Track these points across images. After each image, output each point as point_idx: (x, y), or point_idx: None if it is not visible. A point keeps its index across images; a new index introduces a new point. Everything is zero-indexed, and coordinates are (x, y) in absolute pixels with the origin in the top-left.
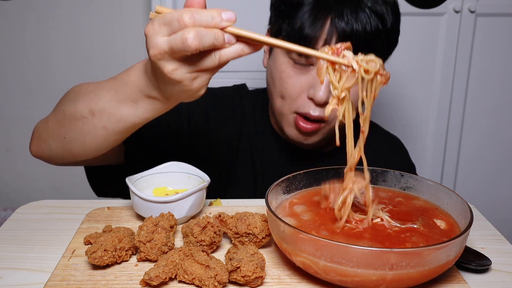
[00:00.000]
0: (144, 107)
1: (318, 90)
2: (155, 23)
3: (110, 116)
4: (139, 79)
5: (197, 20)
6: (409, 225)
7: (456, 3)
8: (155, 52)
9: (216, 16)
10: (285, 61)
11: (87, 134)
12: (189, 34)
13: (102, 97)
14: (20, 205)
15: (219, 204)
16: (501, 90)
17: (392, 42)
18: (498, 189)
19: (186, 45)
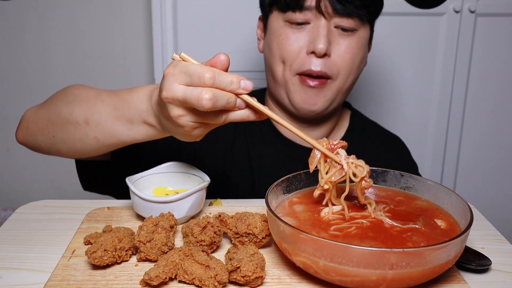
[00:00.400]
0: (139, 130)
1: (317, 42)
2: (177, 69)
3: (103, 130)
4: (141, 103)
5: (217, 82)
6: (410, 225)
7: (456, 3)
8: (168, 95)
9: (235, 82)
10: (281, 25)
11: (77, 141)
12: (206, 95)
13: (100, 109)
14: (20, 205)
15: (219, 204)
16: (501, 90)
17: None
18: (498, 189)
19: (200, 104)
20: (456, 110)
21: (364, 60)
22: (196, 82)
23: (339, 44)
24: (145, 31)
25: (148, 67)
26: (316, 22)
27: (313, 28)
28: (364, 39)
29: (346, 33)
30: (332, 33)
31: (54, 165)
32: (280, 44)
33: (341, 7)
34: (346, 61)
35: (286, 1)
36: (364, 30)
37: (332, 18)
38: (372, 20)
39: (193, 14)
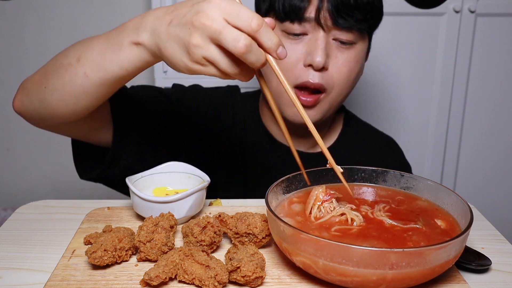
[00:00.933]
0: (126, 54)
1: (315, 55)
2: (224, 1)
3: (93, 62)
4: (133, 23)
5: (261, 33)
6: (411, 225)
7: (456, 3)
8: (203, 21)
9: (275, 43)
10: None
11: (67, 83)
12: (245, 41)
13: (93, 44)
14: (20, 205)
15: (219, 204)
16: (501, 90)
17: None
18: (498, 189)
19: (233, 45)
20: (456, 110)
21: (360, 72)
22: (240, 24)
23: (337, 57)
24: None
25: None
26: (314, 34)
27: (310, 40)
28: (362, 52)
29: (345, 46)
30: (330, 45)
31: (54, 165)
32: None
33: (342, 21)
34: (343, 75)
35: (285, 11)
36: (363, 43)
37: (331, 30)
38: (371, 32)
39: None
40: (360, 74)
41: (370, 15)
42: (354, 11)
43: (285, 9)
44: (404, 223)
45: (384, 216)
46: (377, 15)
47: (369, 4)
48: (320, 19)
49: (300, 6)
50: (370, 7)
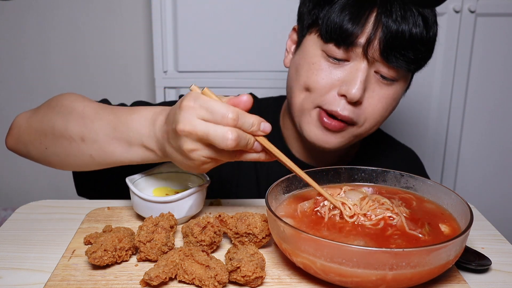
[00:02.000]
0: (137, 153)
1: (352, 86)
2: (197, 103)
3: (100, 148)
4: (143, 127)
5: (240, 124)
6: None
7: (456, 3)
8: (185, 129)
9: (256, 124)
10: (317, 54)
11: (71, 156)
12: (231, 135)
13: (97, 128)
14: (20, 205)
15: (219, 204)
16: (501, 90)
17: (431, 49)
18: (498, 189)
19: (224, 144)
20: (456, 110)
21: (394, 110)
22: (218, 120)
23: (374, 91)
24: (145, 31)
25: (148, 67)
26: (356, 63)
27: (351, 68)
28: (402, 90)
29: (386, 81)
30: (370, 78)
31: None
32: (311, 73)
33: (392, 58)
34: (377, 111)
35: (333, 34)
36: (405, 81)
37: (375, 62)
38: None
39: (193, 14)
40: (394, 110)
41: (423, 55)
42: (408, 50)
43: (334, 31)
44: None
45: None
46: (429, 55)
47: (423, 42)
48: (368, 50)
49: (352, 32)
50: (425, 47)
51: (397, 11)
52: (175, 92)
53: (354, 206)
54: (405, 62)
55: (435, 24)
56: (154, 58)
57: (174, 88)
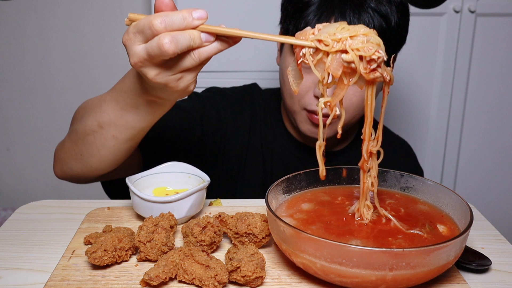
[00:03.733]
0: (146, 110)
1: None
2: (130, 32)
3: (116, 125)
4: (134, 85)
5: (169, 24)
6: (416, 231)
7: (456, 3)
8: (135, 61)
9: (187, 16)
10: (291, 61)
11: (100, 147)
12: (164, 40)
13: (105, 109)
14: (20, 205)
15: (219, 204)
16: (501, 90)
17: (397, 41)
18: (498, 189)
19: (163, 51)
20: (456, 110)
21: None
22: (150, 34)
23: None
24: None
25: None
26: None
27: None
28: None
29: None
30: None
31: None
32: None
33: None
34: (353, 104)
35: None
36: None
37: None
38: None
39: None
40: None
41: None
42: None
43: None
44: (407, 228)
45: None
46: (394, 42)
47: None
48: None
49: None
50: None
51: (350, 15)
52: None
53: (331, 37)
54: None
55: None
56: None
57: None
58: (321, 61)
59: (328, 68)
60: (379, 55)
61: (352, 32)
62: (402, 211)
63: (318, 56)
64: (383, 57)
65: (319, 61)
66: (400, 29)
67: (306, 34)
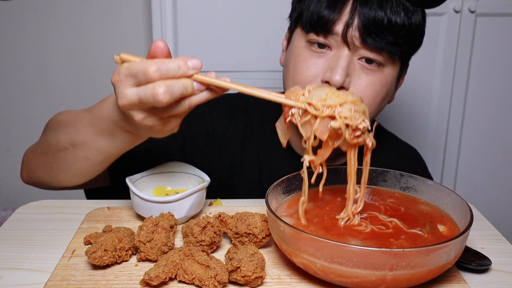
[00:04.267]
0: (122, 139)
1: (334, 73)
2: (121, 73)
3: (90, 148)
4: (113, 113)
5: (164, 72)
6: (416, 231)
7: (456, 3)
8: (124, 103)
9: (183, 65)
10: (302, 45)
11: (71, 165)
12: (159, 89)
13: (80, 130)
14: (20, 205)
15: (219, 204)
16: (501, 90)
17: (417, 41)
18: (498, 189)
19: (157, 100)
20: (456, 110)
21: (387, 98)
22: (143, 80)
23: (360, 78)
24: (145, 31)
25: None
26: (338, 51)
27: (334, 56)
28: (390, 77)
29: (371, 66)
30: (354, 65)
31: None
32: (296, 65)
33: (371, 41)
34: (366, 97)
35: (311, 22)
36: (393, 68)
37: (357, 49)
38: (405, 58)
39: (193, 14)
40: (386, 100)
41: (404, 40)
42: (385, 33)
43: (312, 19)
44: (408, 227)
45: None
46: (414, 41)
47: (404, 28)
48: (347, 36)
49: (328, 18)
50: (405, 31)
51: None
52: None
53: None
54: (385, 44)
55: (419, 12)
56: None
57: None
58: (309, 122)
59: (315, 130)
60: (365, 124)
61: (341, 99)
62: (402, 211)
63: (307, 118)
64: (368, 126)
65: (306, 122)
66: (421, 29)
67: (297, 94)
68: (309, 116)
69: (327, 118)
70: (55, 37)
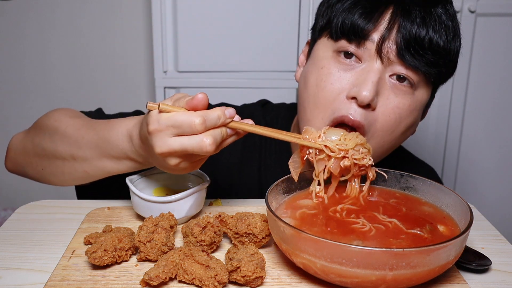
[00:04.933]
0: (126, 165)
1: (363, 87)
2: (162, 123)
3: (92, 165)
4: (122, 143)
5: (209, 125)
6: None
7: (456, 3)
8: (164, 151)
9: (222, 116)
10: (327, 55)
11: (66, 174)
12: (207, 141)
13: (83, 147)
14: (20, 205)
15: (219, 204)
16: (501, 90)
17: (453, 68)
18: (498, 189)
19: (205, 151)
20: (456, 110)
21: (412, 127)
22: (188, 131)
23: (389, 98)
24: (145, 31)
25: (148, 67)
26: (369, 64)
27: (363, 70)
28: (419, 102)
29: (402, 85)
30: (384, 82)
31: None
32: (319, 80)
33: (409, 57)
34: (390, 121)
35: (343, 29)
36: (424, 92)
37: (391, 64)
38: (437, 84)
39: (193, 14)
40: (411, 130)
41: (443, 61)
42: (427, 51)
43: (344, 26)
44: (408, 227)
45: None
46: (450, 65)
47: (446, 50)
48: (383, 48)
49: (364, 27)
50: (446, 53)
51: (416, 12)
52: (175, 92)
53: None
54: (424, 63)
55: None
56: (154, 58)
57: (174, 88)
58: (322, 159)
59: (329, 167)
60: (370, 162)
61: (353, 143)
62: (403, 211)
63: (321, 156)
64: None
65: (320, 159)
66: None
67: (312, 134)
68: (323, 155)
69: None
70: (55, 37)
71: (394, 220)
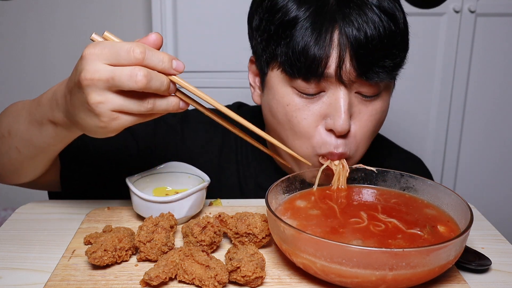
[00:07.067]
0: (48, 131)
1: (337, 119)
2: (99, 47)
3: (21, 137)
4: (48, 100)
5: (147, 58)
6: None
7: (456, 3)
8: (88, 76)
9: (167, 61)
10: (287, 92)
11: (3, 155)
12: (140, 71)
13: (20, 117)
14: (20, 205)
15: (219, 204)
16: (501, 90)
17: (406, 45)
18: (498, 189)
19: (133, 81)
20: (456, 110)
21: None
22: (124, 57)
23: (361, 112)
24: (145, 31)
25: None
26: (333, 91)
27: (329, 98)
28: (388, 97)
29: (370, 99)
30: (352, 101)
31: None
32: (290, 116)
33: (372, 75)
34: (368, 131)
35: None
36: (389, 89)
37: (353, 84)
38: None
39: (193, 14)
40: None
41: (401, 57)
42: (385, 60)
43: (298, 63)
44: (408, 227)
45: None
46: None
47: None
48: (342, 74)
49: (320, 58)
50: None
51: (356, 17)
52: None
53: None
54: (385, 73)
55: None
56: None
57: None
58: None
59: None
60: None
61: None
62: (403, 211)
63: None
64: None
65: None
66: (406, 30)
67: None
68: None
69: None
70: (55, 37)
71: (394, 220)
